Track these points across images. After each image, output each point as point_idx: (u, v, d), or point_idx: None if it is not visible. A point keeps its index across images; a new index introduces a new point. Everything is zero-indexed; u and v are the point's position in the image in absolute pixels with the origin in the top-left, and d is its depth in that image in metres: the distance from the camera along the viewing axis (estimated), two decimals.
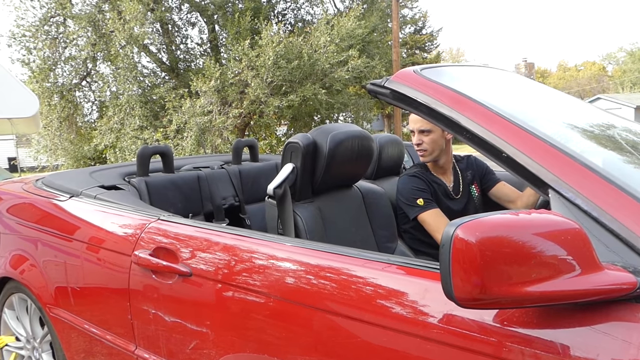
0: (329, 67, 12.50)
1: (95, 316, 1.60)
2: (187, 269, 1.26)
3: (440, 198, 2.02)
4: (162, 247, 1.36)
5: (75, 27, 13.95)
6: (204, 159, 2.67)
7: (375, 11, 16.11)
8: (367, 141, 1.61)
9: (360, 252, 1.03)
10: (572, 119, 1.27)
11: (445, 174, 2.09)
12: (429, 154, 2.00)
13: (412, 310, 0.90)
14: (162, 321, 1.33)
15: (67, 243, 1.71)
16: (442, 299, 0.86)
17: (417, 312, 0.89)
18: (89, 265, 1.61)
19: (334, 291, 1.00)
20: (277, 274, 1.10)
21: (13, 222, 2.05)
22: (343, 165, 1.54)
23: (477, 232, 0.67)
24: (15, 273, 1.93)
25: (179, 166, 2.38)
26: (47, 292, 1.78)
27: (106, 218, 1.63)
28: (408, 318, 0.90)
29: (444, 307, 0.86)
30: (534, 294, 0.67)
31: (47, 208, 1.91)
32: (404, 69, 1.19)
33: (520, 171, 0.91)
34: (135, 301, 1.41)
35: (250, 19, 13.29)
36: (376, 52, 15.43)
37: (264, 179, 2.62)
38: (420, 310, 0.89)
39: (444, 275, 0.70)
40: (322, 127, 1.56)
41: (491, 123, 0.97)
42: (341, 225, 1.58)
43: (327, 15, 13.23)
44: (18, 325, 2.07)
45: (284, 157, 1.50)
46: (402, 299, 0.92)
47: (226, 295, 1.18)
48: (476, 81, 1.29)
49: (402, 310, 0.91)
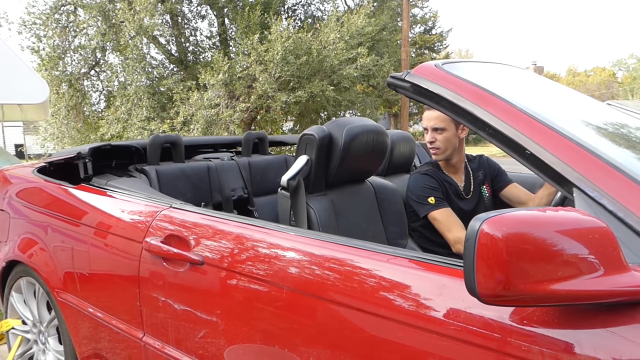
0: (338, 64, 12.47)
1: (103, 302, 1.60)
2: (199, 257, 1.25)
3: (451, 197, 2.00)
4: (173, 234, 1.35)
5: (86, 16, 13.98)
6: (209, 139, 2.66)
7: (386, 9, 16.06)
8: (382, 136, 1.60)
9: (383, 247, 1.02)
10: (592, 118, 1.25)
11: (456, 174, 2.08)
12: (442, 153, 1.99)
13: (424, 305, 0.89)
14: (171, 309, 1.33)
15: (77, 229, 1.71)
16: (459, 295, 0.86)
17: (430, 307, 0.88)
18: (99, 251, 1.61)
19: (348, 283, 0.99)
20: (291, 265, 1.09)
21: (23, 206, 2.06)
22: (357, 159, 1.53)
23: (503, 227, 0.66)
24: (23, 256, 1.93)
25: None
26: (56, 277, 1.78)
27: (117, 204, 1.62)
28: (420, 313, 0.89)
29: (461, 303, 0.85)
30: (559, 292, 0.66)
31: (58, 193, 1.91)
32: (425, 63, 1.18)
33: (543, 169, 0.90)
34: (145, 288, 1.40)
35: (260, 14, 13.27)
36: (385, 51, 15.39)
37: (273, 171, 2.61)
38: (434, 306, 0.88)
39: (468, 271, 0.68)
40: (338, 120, 1.54)
41: (515, 120, 0.95)
42: (353, 219, 1.57)
43: (337, 12, 13.18)
44: (25, 308, 2.08)
45: (299, 149, 1.49)
46: (416, 293, 0.91)
47: (237, 285, 1.17)
48: (496, 78, 1.27)
49: (415, 306, 0.90)
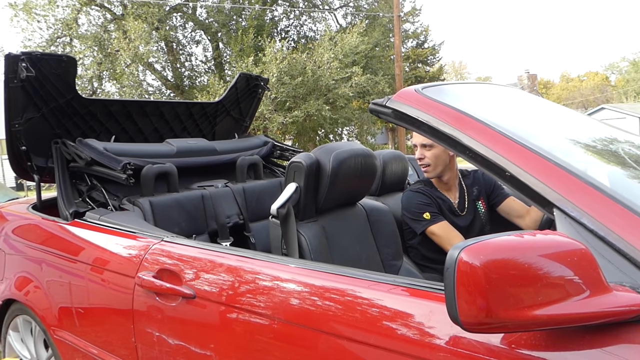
0: (333, 82, 12.59)
1: (99, 338, 1.59)
2: (190, 291, 1.25)
3: (445, 214, 2.01)
4: (165, 268, 1.36)
5: (82, 46, 14.17)
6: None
7: (378, 27, 16.30)
8: (370, 159, 1.61)
9: (365, 273, 1.02)
10: (575, 135, 1.26)
11: (450, 190, 2.08)
12: (432, 170, 1.99)
13: (418, 332, 0.89)
14: (165, 344, 1.32)
15: (71, 265, 1.71)
16: (448, 321, 0.86)
17: (424, 334, 0.88)
18: (93, 287, 1.61)
19: (338, 313, 0.99)
20: (281, 295, 1.09)
21: (18, 243, 2.06)
22: (346, 183, 1.54)
23: (481, 255, 0.66)
24: (20, 295, 1.93)
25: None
26: (51, 314, 1.78)
27: (110, 239, 1.63)
28: (414, 340, 0.88)
29: (450, 329, 0.85)
30: (541, 317, 0.66)
31: (52, 229, 1.91)
32: (406, 89, 1.20)
33: (524, 190, 0.90)
34: (139, 323, 1.40)
35: (254, 36, 13.46)
36: (379, 67, 15.57)
37: (268, 196, 2.61)
38: (427, 332, 0.88)
39: (449, 299, 0.69)
40: (325, 146, 1.56)
41: (494, 142, 0.97)
42: (346, 243, 1.57)
43: (330, 32, 13.37)
44: (22, 347, 2.06)
45: (287, 177, 1.50)
46: (407, 320, 0.91)
47: (230, 318, 1.17)
48: (478, 99, 1.29)
49: (408, 332, 0.90)
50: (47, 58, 2.05)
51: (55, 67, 2.06)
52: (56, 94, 2.11)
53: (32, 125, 2.12)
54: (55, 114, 2.15)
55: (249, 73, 3.02)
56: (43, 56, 2.02)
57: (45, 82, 2.05)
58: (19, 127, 2.07)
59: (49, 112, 2.14)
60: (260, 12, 15.01)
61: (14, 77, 1.95)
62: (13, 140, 2.09)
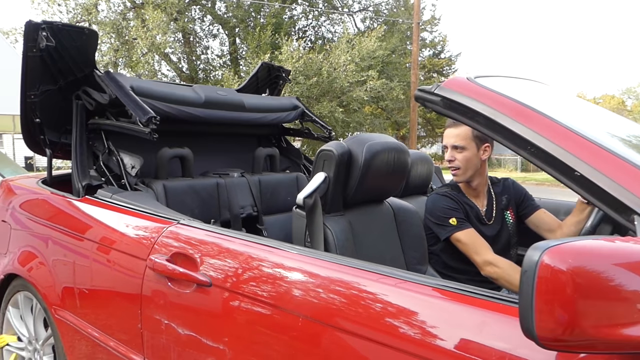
0: (348, 85, 12.50)
1: (102, 322, 1.50)
2: (206, 278, 1.16)
3: (472, 221, 1.90)
4: (180, 253, 1.26)
5: (100, 32, 14.19)
6: None
7: (396, 32, 16.21)
8: (403, 155, 1.51)
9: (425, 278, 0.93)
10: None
11: (478, 197, 1.98)
12: (462, 173, 1.90)
13: (464, 345, 0.79)
14: (174, 333, 1.23)
15: (79, 243, 1.62)
16: (502, 334, 0.76)
17: (471, 347, 0.78)
18: (100, 267, 1.52)
19: (355, 310, 0.90)
20: (309, 291, 0.99)
21: (25, 217, 1.98)
22: (377, 178, 1.44)
23: (569, 259, 0.57)
24: (22, 270, 1.85)
25: None
26: (54, 293, 1.69)
27: (122, 219, 1.54)
28: (455, 354, 0.79)
29: (508, 343, 0.75)
30: (636, 338, 0.56)
31: (61, 205, 1.83)
32: (456, 77, 1.10)
33: (596, 193, 0.81)
34: (147, 309, 1.31)
35: (271, 34, 13.42)
36: (395, 74, 15.47)
37: (283, 190, 2.53)
38: (473, 347, 0.78)
39: (524, 308, 0.59)
40: (358, 135, 1.46)
41: (561, 137, 0.87)
42: (371, 242, 1.47)
43: (348, 35, 13.29)
44: (21, 324, 1.98)
45: (316, 166, 1.41)
46: (454, 331, 0.81)
47: (248, 309, 1.07)
48: (533, 94, 1.19)
49: (452, 346, 0.80)
50: (69, 29, 1.98)
51: (76, 39, 1.99)
52: (75, 68, 2.03)
53: (47, 97, 2.05)
54: (72, 88, 2.07)
55: (270, 63, 2.94)
56: (64, 27, 1.95)
57: (65, 54, 1.97)
58: (35, 99, 2.01)
59: (66, 86, 2.06)
60: (279, 10, 14.97)
61: (33, 46, 1.88)
62: (27, 111, 2.02)
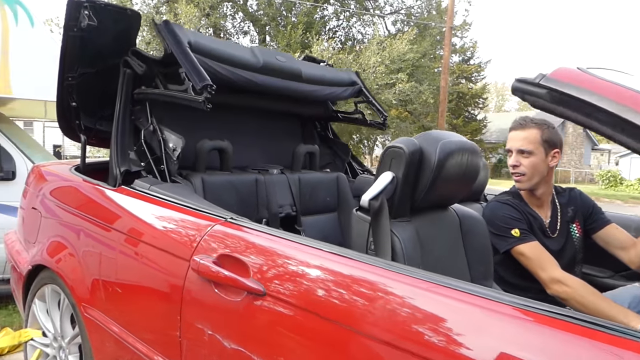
0: (377, 87, 12.32)
1: (136, 326, 1.37)
2: (260, 286, 1.02)
3: (536, 233, 1.72)
4: (228, 255, 1.13)
5: None
6: None
7: (428, 36, 15.95)
8: (476, 157, 1.35)
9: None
10: None
11: (541, 207, 1.80)
12: (527, 180, 1.72)
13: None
14: (219, 346, 1.09)
15: (113, 236, 1.50)
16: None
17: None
18: (136, 265, 1.39)
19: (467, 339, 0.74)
20: (395, 314, 0.83)
21: (55, 205, 1.88)
22: (449, 180, 1.28)
23: None
24: (51, 261, 1.75)
25: None
26: (84, 288, 1.58)
27: (161, 213, 1.41)
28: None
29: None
30: None
31: (94, 195, 1.72)
32: (564, 67, 0.94)
33: None
34: (188, 316, 1.17)
35: (302, 33, 13.35)
36: (424, 77, 15.22)
37: (323, 190, 2.39)
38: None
39: None
40: (429, 133, 1.30)
41: None
42: (437, 252, 1.31)
43: (379, 36, 13.11)
44: (47, 319, 1.88)
45: (382, 164, 1.25)
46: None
47: (311, 328, 0.93)
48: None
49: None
50: (111, 9, 1.88)
51: (118, 21, 1.89)
52: (115, 50, 1.94)
53: (85, 81, 1.96)
54: (111, 72, 1.97)
55: (313, 55, 2.80)
56: (107, 6, 1.86)
57: (106, 35, 1.88)
58: (72, 81, 1.91)
59: (106, 70, 1.96)
60: (311, 10, 14.89)
61: (74, 25, 1.79)
62: (64, 95, 1.94)
